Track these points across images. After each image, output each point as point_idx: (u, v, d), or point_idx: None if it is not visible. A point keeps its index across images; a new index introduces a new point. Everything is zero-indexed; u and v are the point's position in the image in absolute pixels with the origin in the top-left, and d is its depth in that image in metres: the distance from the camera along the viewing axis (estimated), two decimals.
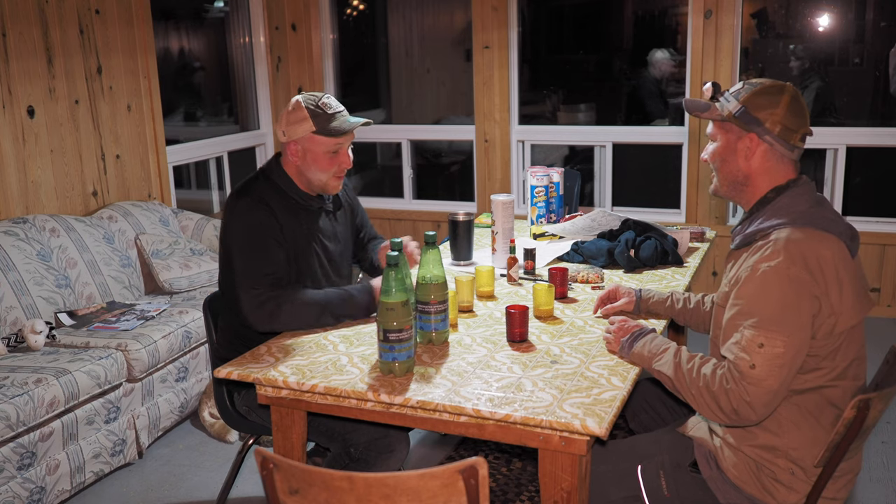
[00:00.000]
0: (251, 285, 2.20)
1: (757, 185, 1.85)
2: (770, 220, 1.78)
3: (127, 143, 4.15)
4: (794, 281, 1.67)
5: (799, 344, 1.67)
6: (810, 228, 1.73)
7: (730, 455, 1.81)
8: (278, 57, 5.47)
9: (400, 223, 5.51)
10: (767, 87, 1.82)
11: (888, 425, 3.25)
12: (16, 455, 2.61)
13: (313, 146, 2.31)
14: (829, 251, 1.70)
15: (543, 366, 1.92)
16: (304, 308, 2.19)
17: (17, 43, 3.55)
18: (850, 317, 1.71)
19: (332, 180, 2.36)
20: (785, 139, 1.80)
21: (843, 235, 1.75)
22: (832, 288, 1.69)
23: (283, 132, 2.33)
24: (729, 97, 1.86)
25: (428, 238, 2.05)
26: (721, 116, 1.86)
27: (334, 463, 2.20)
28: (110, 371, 2.95)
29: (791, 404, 1.75)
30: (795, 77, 5.34)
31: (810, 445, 1.75)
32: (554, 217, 3.28)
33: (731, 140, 1.86)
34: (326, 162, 2.32)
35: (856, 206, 4.67)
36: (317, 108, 2.30)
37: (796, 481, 1.75)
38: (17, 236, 3.32)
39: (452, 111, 6.95)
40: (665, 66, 5.64)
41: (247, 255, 2.23)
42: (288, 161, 2.36)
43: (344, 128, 2.30)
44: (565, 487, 1.69)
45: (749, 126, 1.82)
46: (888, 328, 4.35)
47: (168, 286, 3.70)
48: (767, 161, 1.83)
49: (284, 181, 2.36)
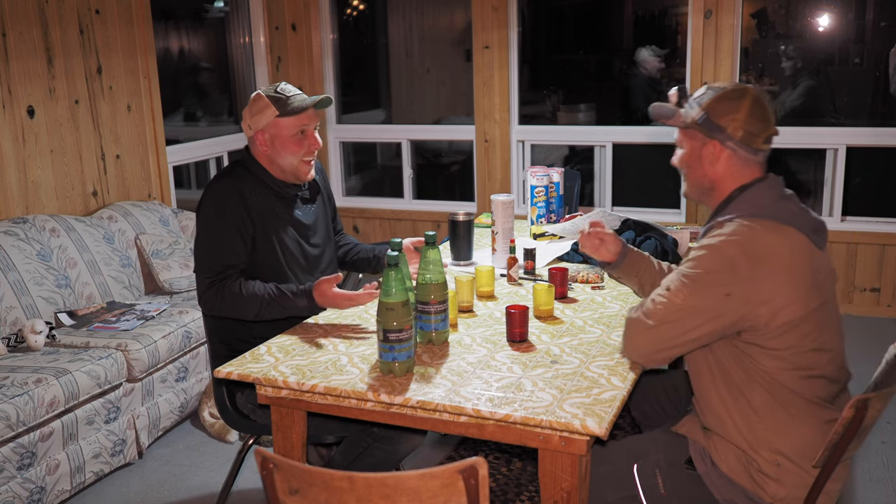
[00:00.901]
0: (201, 271, 2.31)
1: (723, 189, 1.88)
2: (732, 213, 1.82)
3: (127, 143, 4.15)
4: (726, 258, 1.73)
5: (699, 308, 1.72)
6: (770, 220, 1.77)
7: (721, 448, 1.83)
8: (278, 57, 5.47)
9: (400, 223, 5.51)
10: (729, 92, 1.84)
11: (888, 425, 3.25)
12: (16, 455, 2.61)
13: (279, 130, 2.35)
14: (783, 242, 1.74)
15: (543, 366, 1.92)
16: (241, 301, 2.27)
17: (17, 43, 3.55)
18: (796, 308, 1.72)
19: (303, 165, 2.40)
20: (748, 143, 1.82)
21: (804, 228, 1.77)
22: (770, 277, 1.71)
23: (248, 126, 2.38)
24: (692, 103, 1.88)
25: (428, 238, 2.05)
26: (685, 123, 1.88)
27: (354, 446, 2.21)
28: (110, 371, 2.95)
29: (757, 393, 1.78)
30: (788, 77, 5.33)
31: (785, 435, 1.77)
32: (554, 217, 3.28)
33: (696, 147, 1.88)
34: (295, 144, 2.37)
35: (856, 206, 4.67)
36: (276, 94, 2.36)
37: (784, 473, 1.76)
38: (17, 236, 3.33)
39: (452, 111, 6.95)
40: (651, 63, 5.65)
41: (203, 239, 2.32)
42: (259, 152, 2.40)
43: (305, 105, 2.35)
44: (565, 487, 1.69)
45: (712, 133, 1.83)
46: (888, 328, 4.35)
47: (168, 286, 3.70)
48: (732, 166, 1.85)
49: (259, 170, 2.40)
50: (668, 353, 1.80)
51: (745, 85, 1.87)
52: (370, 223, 5.56)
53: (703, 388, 1.87)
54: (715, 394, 1.83)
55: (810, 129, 4.78)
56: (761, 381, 1.77)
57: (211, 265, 2.30)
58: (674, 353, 1.80)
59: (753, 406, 1.78)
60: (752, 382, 1.78)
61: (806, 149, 4.98)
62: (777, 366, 1.75)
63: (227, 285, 2.28)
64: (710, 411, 1.85)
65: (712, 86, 1.88)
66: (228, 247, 2.31)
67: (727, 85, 1.86)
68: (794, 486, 1.76)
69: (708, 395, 1.85)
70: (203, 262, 2.31)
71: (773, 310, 1.71)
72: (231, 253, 2.31)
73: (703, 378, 1.86)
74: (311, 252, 2.49)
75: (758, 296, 1.71)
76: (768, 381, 1.77)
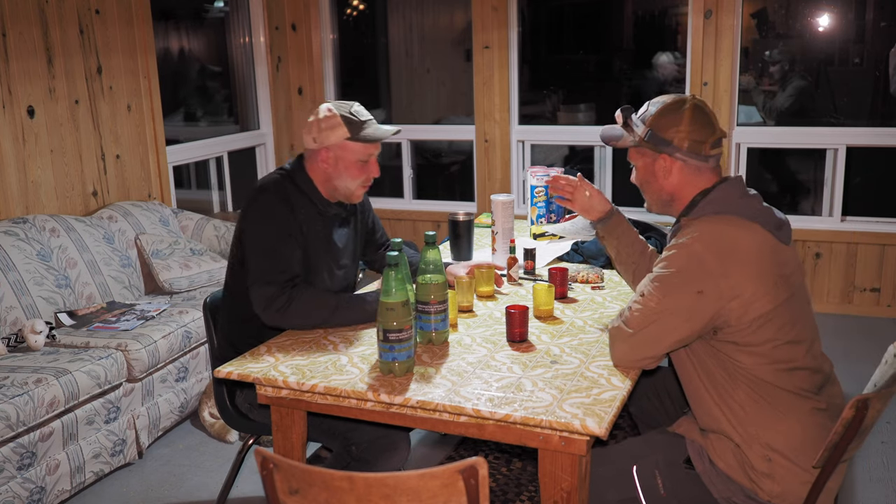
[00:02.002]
0: (266, 281, 2.21)
1: (683, 197, 1.93)
2: (696, 214, 1.87)
3: (127, 143, 4.15)
4: (695, 255, 1.76)
5: (674, 308, 1.76)
6: (734, 217, 1.81)
7: (719, 446, 1.84)
8: (278, 57, 5.47)
9: (400, 223, 5.52)
10: (669, 105, 1.90)
11: (888, 425, 3.25)
12: (16, 455, 2.61)
13: (346, 153, 2.31)
14: (748, 237, 1.78)
15: (543, 366, 1.92)
16: (313, 308, 2.20)
17: (17, 43, 3.55)
18: (765, 302, 1.75)
19: (359, 189, 2.37)
20: (696, 152, 1.87)
21: (768, 225, 1.82)
22: (739, 271, 1.74)
23: (313, 139, 2.31)
24: (637, 122, 1.94)
25: (428, 238, 2.05)
26: (633, 142, 1.95)
27: (336, 462, 2.20)
28: (110, 371, 2.95)
29: (741, 389, 1.80)
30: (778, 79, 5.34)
31: (773, 430, 1.78)
32: (554, 217, 3.28)
33: (648, 163, 1.95)
34: (357, 170, 2.33)
35: (856, 206, 4.66)
36: (350, 115, 2.30)
37: (776, 469, 1.77)
38: (17, 236, 3.33)
39: (452, 111, 6.95)
40: (669, 69, 5.65)
41: (263, 250, 2.24)
42: (316, 167, 2.34)
43: (378, 135, 2.31)
44: (565, 487, 1.69)
45: (659, 147, 1.89)
46: (888, 328, 4.35)
47: (168, 286, 3.70)
48: (686, 175, 1.91)
49: (307, 185, 2.35)
50: (652, 357, 1.83)
51: (684, 95, 1.93)
52: None
53: (692, 388, 1.89)
54: (704, 393, 1.86)
55: (810, 129, 4.78)
56: (743, 379, 1.80)
57: (276, 276, 2.20)
58: (658, 356, 1.83)
59: (740, 402, 1.80)
60: (734, 380, 1.81)
61: (806, 149, 4.98)
62: (756, 361, 1.78)
63: (297, 294, 2.20)
64: (702, 410, 1.87)
65: (653, 102, 1.94)
66: (290, 254, 2.25)
67: (667, 98, 1.92)
68: (788, 483, 1.77)
69: (698, 394, 1.88)
70: (264, 272, 2.21)
71: (744, 303, 1.74)
72: (292, 261, 2.24)
73: (691, 378, 1.89)
74: (337, 273, 2.46)
75: (729, 290, 1.74)
76: (750, 377, 1.79)
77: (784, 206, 4.62)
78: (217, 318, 2.51)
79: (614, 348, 1.88)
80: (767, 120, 5.23)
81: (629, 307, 1.85)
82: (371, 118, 2.36)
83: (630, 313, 1.83)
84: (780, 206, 2.06)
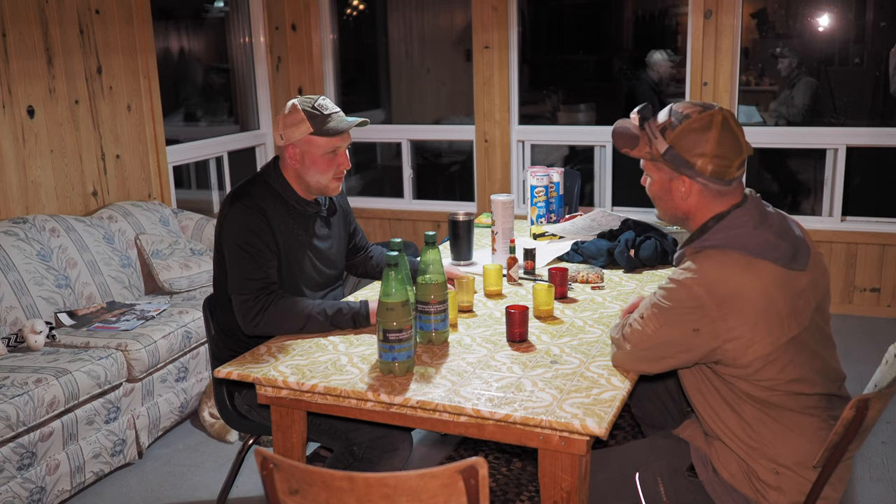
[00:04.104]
0: (240, 290, 2.22)
1: (697, 219, 1.81)
2: (705, 242, 1.76)
3: (127, 143, 4.15)
4: (694, 297, 1.70)
5: (669, 340, 1.73)
6: (739, 253, 1.70)
7: (723, 454, 1.82)
8: (278, 57, 5.47)
9: (400, 223, 5.51)
10: (694, 123, 1.72)
11: (888, 425, 3.25)
12: (16, 455, 2.61)
13: (311, 148, 2.30)
14: (752, 281, 1.68)
15: (543, 366, 1.92)
16: (286, 317, 2.19)
17: (17, 43, 3.55)
18: (764, 344, 1.69)
19: (333, 182, 2.36)
20: (720, 177, 1.73)
21: (780, 259, 1.70)
22: (737, 315, 1.67)
23: (280, 136, 2.32)
24: (656, 132, 1.78)
25: (428, 238, 2.05)
26: (651, 157, 1.80)
27: (337, 462, 2.20)
28: (110, 371, 2.95)
29: (747, 407, 1.77)
30: (783, 78, 5.33)
31: (781, 445, 1.76)
32: (554, 217, 3.28)
33: (664, 179, 1.80)
34: (325, 163, 2.32)
35: (856, 206, 4.66)
36: (313, 109, 2.30)
37: (784, 481, 1.76)
38: (17, 236, 3.33)
39: (452, 111, 6.96)
40: (663, 67, 5.64)
41: (237, 260, 2.24)
42: (286, 165, 2.35)
43: (341, 127, 2.30)
44: (565, 487, 1.69)
45: (679, 168, 1.75)
46: (888, 328, 4.35)
47: (168, 286, 3.70)
48: (704, 198, 1.77)
49: (282, 186, 2.35)
50: (650, 372, 1.84)
51: (711, 109, 1.74)
52: (370, 223, 5.56)
53: (697, 400, 1.87)
54: (708, 406, 1.83)
55: (810, 129, 4.78)
56: (748, 398, 1.76)
57: (249, 284, 2.21)
58: (656, 372, 1.83)
59: (746, 419, 1.77)
60: (739, 399, 1.77)
61: (806, 149, 4.98)
62: (760, 389, 1.74)
63: (273, 301, 2.20)
64: (707, 420, 1.85)
65: (676, 111, 1.77)
66: (265, 261, 2.24)
67: (692, 111, 1.74)
68: (795, 493, 1.75)
69: (702, 406, 1.86)
70: (241, 281, 2.22)
71: (742, 345, 1.69)
72: (266, 269, 2.24)
73: (695, 391, 1.87)
74: (326, 272, 2.46)
75: (726, 332, 1.69)
76: (755, 398, 1.76)
77: (784, 207, 4.62)
78: (217, 318, 2.51)
79: (615, 356, 1.88)
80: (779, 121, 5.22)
81: (629, 324, 1.83)
82: (337, 111, 2.35)
83: (630, 331, 1.81)
84: (780, 206, 1.97)
